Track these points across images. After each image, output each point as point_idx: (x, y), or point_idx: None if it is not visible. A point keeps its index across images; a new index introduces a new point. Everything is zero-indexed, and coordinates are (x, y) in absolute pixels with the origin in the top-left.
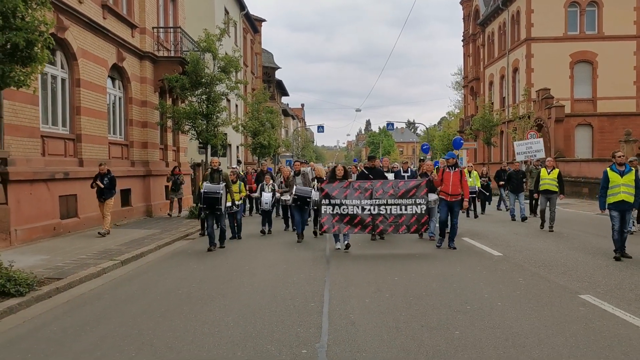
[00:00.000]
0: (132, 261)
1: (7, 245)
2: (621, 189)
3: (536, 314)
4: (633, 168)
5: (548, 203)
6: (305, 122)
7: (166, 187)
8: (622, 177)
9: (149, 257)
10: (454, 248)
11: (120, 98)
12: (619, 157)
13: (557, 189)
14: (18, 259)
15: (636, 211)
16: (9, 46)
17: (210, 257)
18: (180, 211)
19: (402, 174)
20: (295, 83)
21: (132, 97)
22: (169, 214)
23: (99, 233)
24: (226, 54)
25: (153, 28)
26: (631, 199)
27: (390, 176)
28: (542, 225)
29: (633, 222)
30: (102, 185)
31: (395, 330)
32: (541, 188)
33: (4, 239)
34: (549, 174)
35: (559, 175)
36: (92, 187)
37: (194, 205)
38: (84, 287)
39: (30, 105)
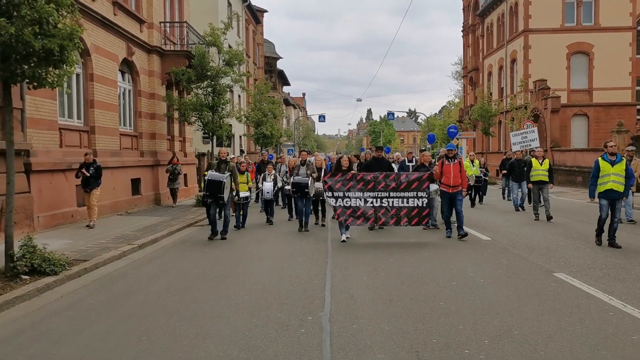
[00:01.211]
0: (148, 245)
1: (31, 231)
2: (611, 178)
3: (513, 288)
4: (624, 158)
5: (541, 193)
6: (306, 111)
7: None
8: (612, 167)
9: (163, 242)
10: (465, 234)
11: (129, 91)
12: (611, 146)
13: (548, 179)
14: (45, 243)
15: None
16: (41, 51)
17: (219, 242)
18: (175, 201)
19: (407, 163)
20: (296, 71)
21: (141, 90)
22: (173, 205)
23: (87, 226)
24: (230, 46)
25: (160, 23)
26: (620, 188)
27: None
28: (537, 217)
29: (626, 211)
30: (87, 174)
31: (389, 302)
32: (534, 179)
33: (28, 225)
34: (540, 164)
35: (550, 166)
36: (77, 176)
37: (201, 193)
38: (109, 268)
39: (49, 100)
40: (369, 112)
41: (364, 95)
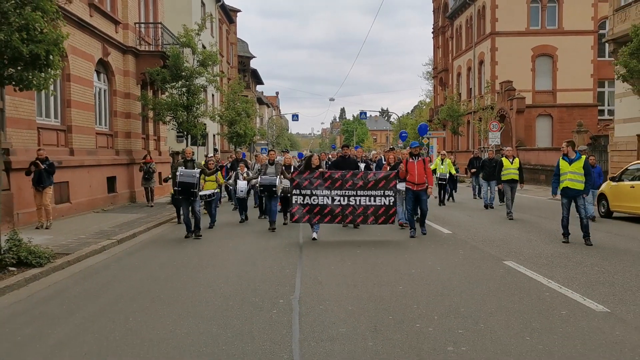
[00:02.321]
0: (127, 240)
1: (12, 227)
2: (567, 176)
3: (465, 274)
4: (583, 156)
5: (510, 191)
6: (279, 110)
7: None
8: (570, 165)
9: (141, 237)
10: (424, 233)
11: (105, 90)
12: (562, 148)
13: (518, 178)
14: (30, 237)
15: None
16: (28, 56)
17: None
18: (152, 200)
19: (383, 162)
20: (268, 70)
21: (116, 90)
22: (150, 205)
23: (45, 227)
24: (204, 47)
25: (135, 23)
26: (577, 186)
27: (363, 166)
28: (509, 216)
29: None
30: (42, 166)
31: (353, 287)
32: (505, 178)
33: (8, 221)
34: (511, 163)
35: (520, 165)
36: (27, 174)
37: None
38: (91, 261)
39: (28, 100)
40: (342, 111)
41: (336, 95)
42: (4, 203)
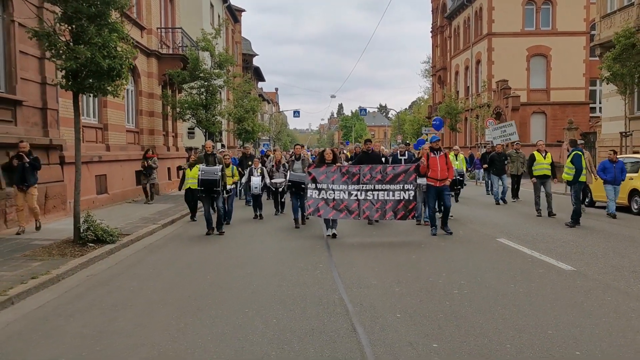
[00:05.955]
0: (169, 225)
1: (66, 214)
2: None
3: (464, 248)
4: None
5: (543, 187)
6: (279, 106)
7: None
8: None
9: (180, 223)
10: (450, 233)
11: (132, 91)
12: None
13: (551, 173)
14: (101, 219)
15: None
16: (106, 69)
17: (228, 225)
18: (152, 197)
19: (399, 157)
20: (265, 65)
21: (142, 90)
22: (146, 202)
23: (36, 228)
24: (215, 50)
25: (157, 28)
26: (566, 177)
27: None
28: (538, 212)
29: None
30: (26, 160)
31: (375, 257)
32: (538, 173)
33: (63, 208)
34: (544, 158)
35: (552, 160)
36: (5, 168)
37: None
38: (148, 240)
39: None
40: (340, 106)
41: (336, 91)
42: (60, 193)
